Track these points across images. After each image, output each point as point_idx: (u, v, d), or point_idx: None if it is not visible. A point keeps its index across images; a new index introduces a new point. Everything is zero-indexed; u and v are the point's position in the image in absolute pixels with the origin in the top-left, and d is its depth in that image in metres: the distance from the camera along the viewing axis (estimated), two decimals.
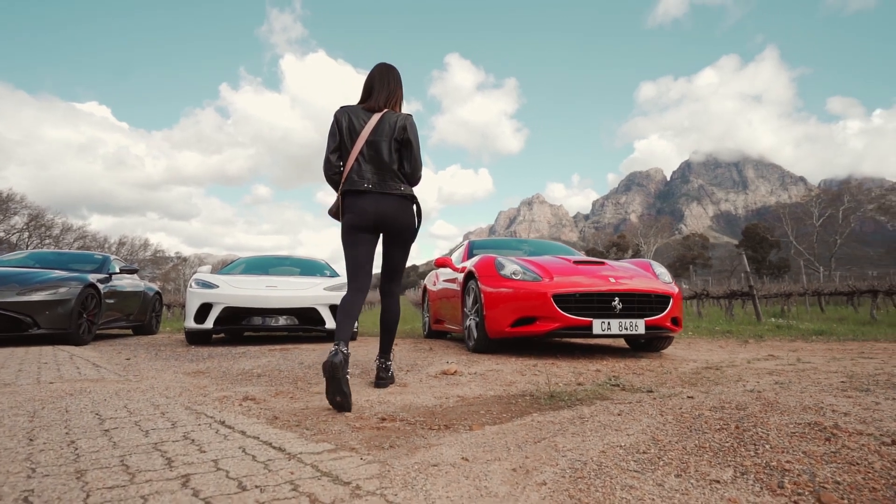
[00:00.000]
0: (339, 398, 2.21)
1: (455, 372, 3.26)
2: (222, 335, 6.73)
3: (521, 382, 2.98)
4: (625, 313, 3.89)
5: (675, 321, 4.12)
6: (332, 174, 2.78)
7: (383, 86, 2.83)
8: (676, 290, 4.17)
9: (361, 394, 2.62)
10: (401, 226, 2.77)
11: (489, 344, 4.30)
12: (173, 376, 3.21)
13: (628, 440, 1.64)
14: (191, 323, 5.40)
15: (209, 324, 5.33)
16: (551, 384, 2.89)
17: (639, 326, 3.85)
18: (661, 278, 4.32)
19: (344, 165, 2.75)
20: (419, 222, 2.88)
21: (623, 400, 2.42)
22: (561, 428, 1.85)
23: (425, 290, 6.87)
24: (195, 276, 5.80)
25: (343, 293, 5.80)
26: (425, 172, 3.05)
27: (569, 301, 3.86)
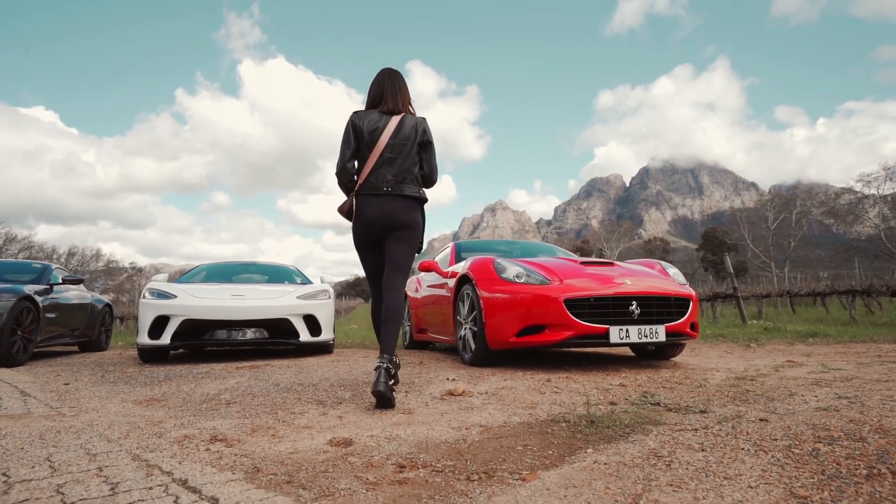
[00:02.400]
0: (385, 392, 2.39)
1: (463, 392, 2.79)
2: (181, 351, 6.04)
3: (543, 403, 2.53)
4: (643, 319, 3.50)
5: (693, 326, 3.76)
6: (348, 181, 2.76)
7: (395, 89, 2.83)
8: (693, 292, 3.81)
9: (360, 425, 2.11)
10: (401, 221, 2.73)
11: (489, 356, 3.84)
12: (121, 406, 2.62)
13: (761, 497, 1.20)
14: (144, 338, 4.73)
15: (166, 339, 4.68)
16: (581, 405, 2.45)
17: (659, 333, 3.46)
18: (675, 279, 3.97)
19: (360, 170, 2.75)
20: (422, 230, 2.88)
21: (681, 425, 2.01)
22: (644, 475, 1.41)
23: (405, 297, 6.36)
24: (149, 286, 5.13)
25: (317, 301, 5.28)
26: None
27: (582, 306, 3.44)
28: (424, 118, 2.86)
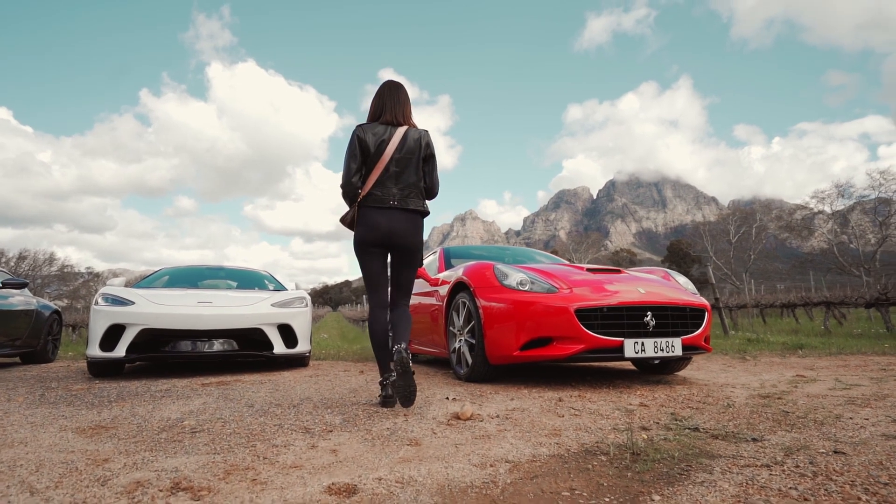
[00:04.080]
0: (411, 388, 2.51)
1: (471, 416, 2.42)
2: (138, 364, 5.46)
3: (567, 429, 2.20)
4: (657, 331, 3.22)
5: (706, 339, 3.51)
6: (353, 195, 2.77)
7: (397, 101, 2.84)
8: (707, 302, 3.56)
9: (362, 463, 1.72)
10: (411, 244, 2.81)
11: (488, 371, 3.49)
12: (57, 437, 2.15)
13: None
14: (95, 350, 4.19)
15: (120, 351, 4.15)
16: (610, 430, 2.12)
17: (675, 347, 3.18)
18: (685, 288, 3.71)
19: (363, 182, 2.76)
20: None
21: (743, 459, 1.70)
22: None
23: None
24: (103, 290, 4.58)
25: (292, 309, 4.83)
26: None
27: (594, 317, 3.14)
28: (427, 131, 2.87)
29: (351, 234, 2.87)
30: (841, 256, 40.11)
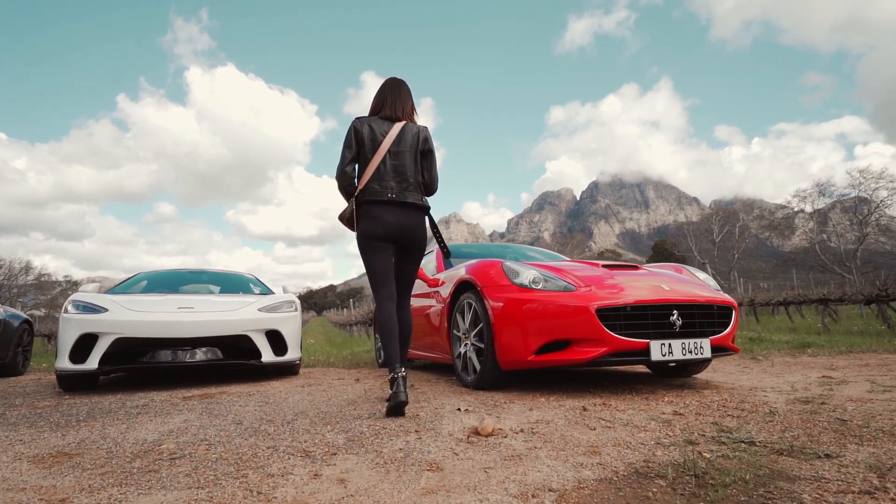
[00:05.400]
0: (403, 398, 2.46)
1: (493, 431, 2.14)
2: (114, 375, 5.07)
3: (605, 445, 1.92)
4: (684, 331, 2.97)
5: (733, 339, 3.27)
6: (347, 185, 2.76)
7: (399, 97, 2.85)
8: (733, 300, 3.32)
9: (377, 496, 1.42)
10: (419, 241, 2.82)
11: (499, 378, 3.21)
12: (10, 469, 1.82)
13: None
14: (65, 363, 3.82)
15: (92, 363, 3.78)
16: (653, 444, 1.85)
17: (704, 348, 2.93)
18: (707, 285, 3.47)
19: (360, 175, 2.76)
20: (435, 231, 3.00)
21: (831, 482, 1.44)
22: None
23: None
24: (73, 297, 4.20)
25: (281, 314, 4.50)
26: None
27: (616, 317, 2.87)
28: (426, 127, 2.89)
29: (339, 237, 2.70)
30: (822, 255, 40.72)
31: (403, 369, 2.54)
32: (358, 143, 2.73)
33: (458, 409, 2.64)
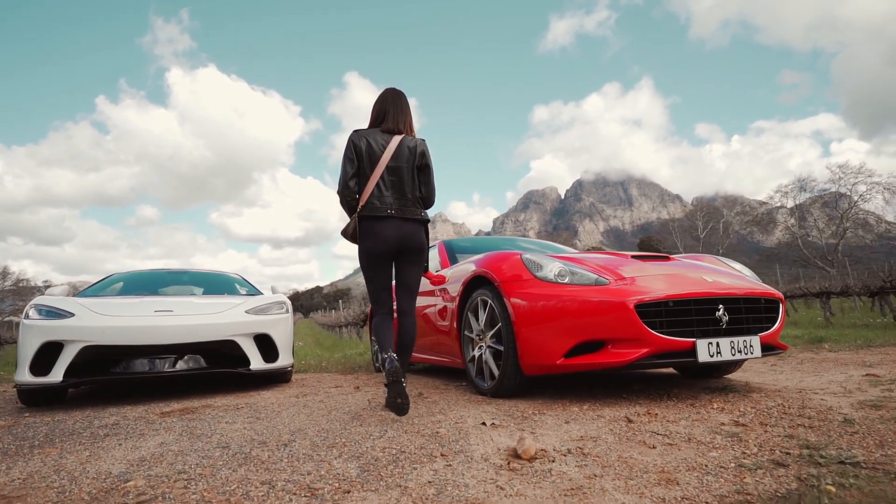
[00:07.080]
0: (399, 399, 2.47)
1: (536, 454, 1.77)
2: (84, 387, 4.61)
3: (679, 471, 1.57)
4: (730, 328, 2.64)
5: (780, 336, 2.95)
6: (350, 199, 2.75)
7: (399, 109, 2.84)
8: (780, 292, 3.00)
9: None
10: (419, 247, 2.80)
11: (522, 384, 2.85)
12: None
13: None
14: (24, 375, 3.37)
15: (56, 375, 3.34)
16: (734, 466, 1.51)
17: (754, 347, 2.60)
18: (747, 276, 3.14)
19: (361, 190, 2.74)
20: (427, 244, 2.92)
21: None
22: None
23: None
24: (35, 301, 3.74)
25: (271, 316, 4.09)
26: (333, 190, 3.00)
27: (657, 313, 2.53)
28: (424, 140, 2.86)
29: (324, 238, 2.42)
30: (804, 249, 41.20)
31: (405, 377, 2.54)
32: (358, 157, 2.73)
33: (484, 424, 2.28)
